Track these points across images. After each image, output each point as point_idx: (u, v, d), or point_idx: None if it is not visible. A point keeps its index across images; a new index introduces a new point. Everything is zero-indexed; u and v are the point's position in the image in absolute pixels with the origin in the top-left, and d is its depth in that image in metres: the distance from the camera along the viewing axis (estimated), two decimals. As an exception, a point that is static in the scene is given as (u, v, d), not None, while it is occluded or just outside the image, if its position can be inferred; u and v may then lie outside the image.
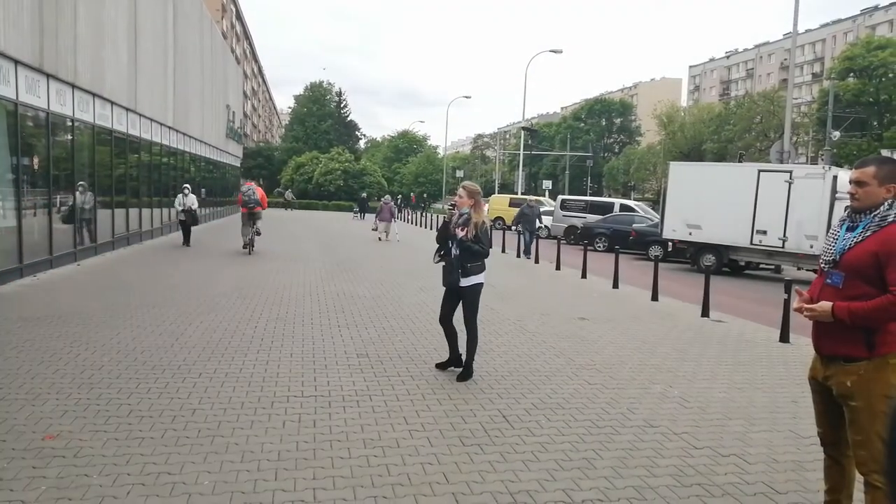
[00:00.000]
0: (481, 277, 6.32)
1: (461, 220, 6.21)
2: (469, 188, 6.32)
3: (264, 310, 9.55)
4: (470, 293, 6.29)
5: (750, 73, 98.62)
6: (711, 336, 9.32)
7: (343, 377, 6.31)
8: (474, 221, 6.14)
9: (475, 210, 6.22)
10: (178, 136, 24.35)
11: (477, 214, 6.20)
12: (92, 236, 15.35)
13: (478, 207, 6.25)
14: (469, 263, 6.16)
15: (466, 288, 6.25)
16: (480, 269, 6.27)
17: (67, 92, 13.39)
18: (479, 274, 6.28)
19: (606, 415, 5.59)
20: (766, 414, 5.86)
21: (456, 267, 6.19)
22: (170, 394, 5.58)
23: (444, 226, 6.40)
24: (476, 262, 6.19)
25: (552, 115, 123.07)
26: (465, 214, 6.21)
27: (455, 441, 4.81)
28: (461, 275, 6.18)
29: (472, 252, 6.12)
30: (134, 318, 8.53)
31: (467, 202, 6.25)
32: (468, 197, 6.26)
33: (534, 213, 21.56)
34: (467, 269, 6.17)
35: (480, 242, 6.15)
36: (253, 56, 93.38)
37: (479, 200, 6.31)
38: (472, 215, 6.18)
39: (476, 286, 6.29)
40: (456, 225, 6.22)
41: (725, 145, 63.12)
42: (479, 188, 6.48)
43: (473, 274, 6.21)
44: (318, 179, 58.43)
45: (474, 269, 6.20)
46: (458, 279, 6.20)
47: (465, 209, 6.24)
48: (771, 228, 17.61)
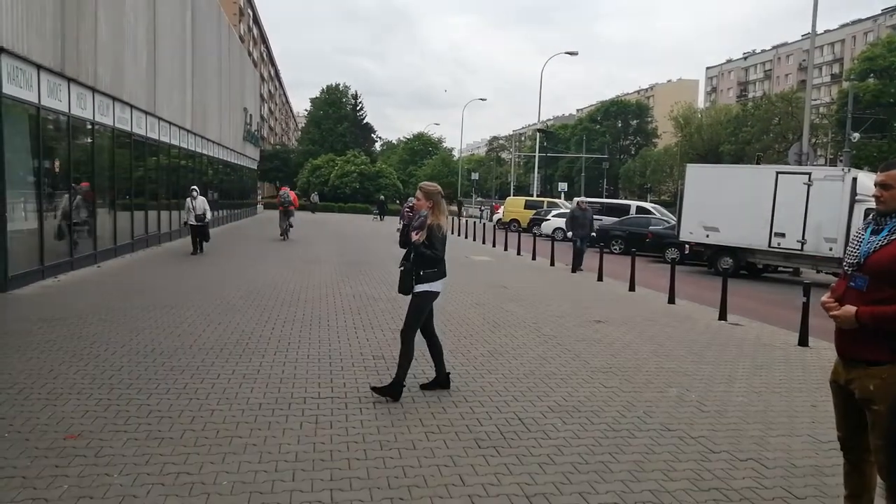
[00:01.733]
0: (437, 286, 5.79)
1: (417, 222, 5.73)
2: (426, 189, 5.83)
3: (281, 311, 9.61)
4: (416, 298, 5.75)
5: (768, 74, 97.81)
6: (729, 339, 9.25)
7: (359, 378, 6.35)
8: (428, 224, 5.67)
9: (433, 212, 5.73)
10: (197, 139, 24.57)
11: (434, 217, 5.71)
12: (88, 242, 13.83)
13: (436, 209, 5.76)
14: (423, 270, 5.69)
15: (416, 294, 5.75)
16: (437, 276, 5.76)
17: (88, 96, 13.56)
18: (435, 281, 5.76)
19: (623, 418, 5.57)
20: (784, 418, 5.82)
21: (410, 273, 5.72)
22: (188, 394, 5.63)
23: (404, 229, 5.84)
24: (431, 268, 5.71)
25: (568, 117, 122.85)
26: (422, 217, 5.74)
27: (471, 443, 4.82)
28: (415, 281, 5.71)
29: (426, 257, 5.65)
30: (152, 320, 8.62)
31: (425, 204, 5.75)
32: (425, 198, 5.76)
33: (586, 218, 18.05)
34: (421, 276, 5.69)
35: (433, 247, 5.65)
36: (270, 59, 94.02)
37: (439, 201, 5.80)
38: (428, 218, 5.71)
39: (427, 293, 5.75)
40: (413, 228, 5.73)
41: (743, 147, 62.70)
42: (438, 188, 5.94)
43: (428, 281, 5.72)
44: (335, 182, 58.68)
45: (429, 275, 5.71)
46: (412, 286, 5.73)
47: (423, 211, 5.75)
48: (789, 231, 17.45)
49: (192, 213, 16.77)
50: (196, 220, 16.81)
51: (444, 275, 5.86)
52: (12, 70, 10.37)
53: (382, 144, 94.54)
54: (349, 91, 79.35)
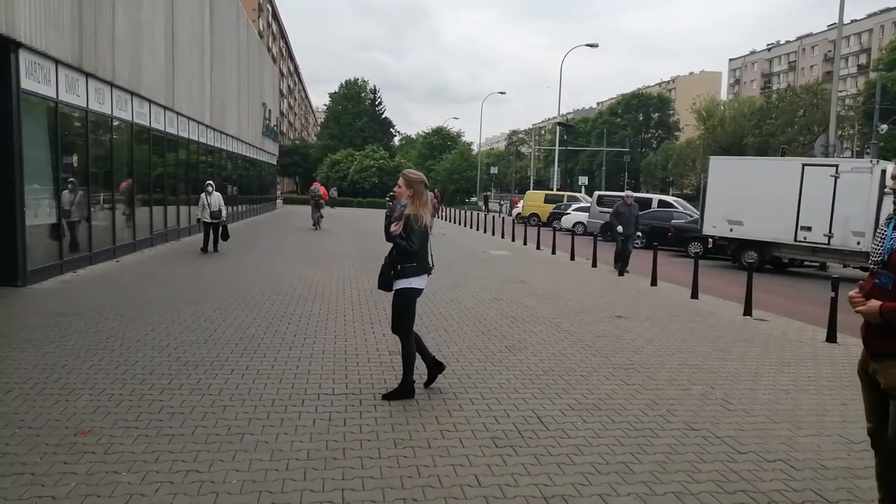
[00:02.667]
0: (418, 282, 5.46)
1: (397, 213, 5.42)
2: (408, 176, 5.46)
3: (297, 306, 9.54)
4: (397, 298, 5.49)
5: (792, 65, 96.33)
6: (754, 335, 9.02)
7: (374, 374, 6.24)
8: (406, 214, 5.33)
9: (412, 201, 5.37)
10: (215, 134, 24.63)
11: (413, 206, 5.35)
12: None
13: (416, 199, 5.38)
14: (401, 264, 5.37)
15: (397, 291, 5.46)
16: (416, 271, 5.42)
17: (106, 91, 13.59)
18: (416, 277, 5.43)
19: (645, 417, 5.41)
20: (813, 417, 5.61)
21: (389, 267, 5.45)
22: (201, 390, 5.56)
23: (386, 221, 5.54)
24: (409, 262, 5.36)
25: (588, 111, 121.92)
26: (401, 207, 5.42)
27: (487, 442, 4.68)
28: (393, 277, 5.43)
29: (402, 250, 5.33)
30: (169, 314, 8.58)
31: (405, 192, 5.39)
32: (406, 186, 5.40)
33: (632, 213, 16.05)
34: (399, 271, 5.39)
35: (409, 239, 5.29)
36: (289, 55, 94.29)
37: (420, 190, 5.40)
38: (407, 208, 5.38)
39: (408, 290, 5.45)
40: (393, 219, 5.42)
41: (767, 140, 61.76)
42: (422, 176, 5.54)
43: (407, 276, 5.40)
44: (354, 177, 58.77)
45: (408, 270, 5.38)
46: (391, 281, 5.46)
47: (403, 201, 5.42)
48: (816, 224, 17.07)
49: (207, 210, 15.89)
50: (211, 217, 15.95)
51: (426, 271, 5.54)
52: (30, 65, 10.38)
53: (401, 139, 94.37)
54: (368, 86, 79.38)
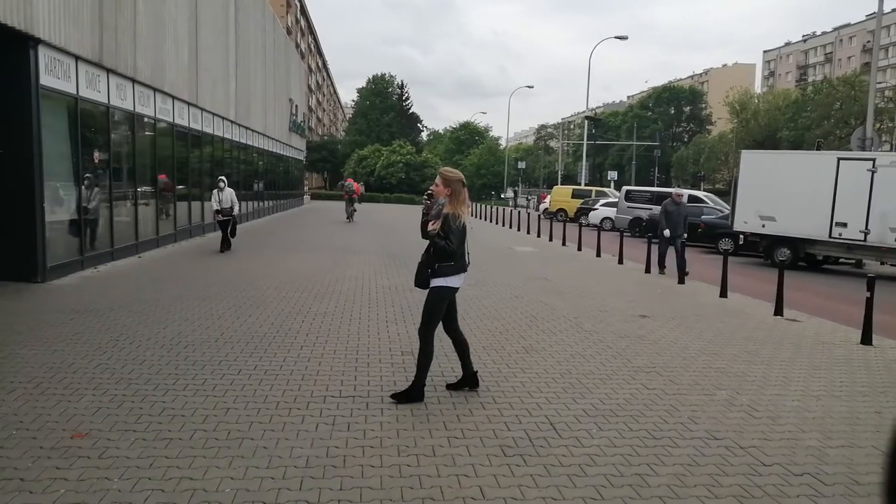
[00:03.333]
0: (453, 281, 5.37)
1: (434, 211, 5.37)
2: (445, 175, 5.40)
3: (314, 304, 9.41)
4: (431, 294, 5.38)
5: (829, 57, 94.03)
6: (785, 337, 8.66)
7: (385, 376, 6.06)
8: (444, 213, 5.26)
9: (450, 200, 5.31)
10: (241, 130, 24.70)
11: (451, 205, 5.28)
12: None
13: (454, 197, 5.31)
14: (438, 263, 5.29)
15: (432, 289, 5.37)
16: (454, 270, 5.33)
17: (128, 87, 13.60)
18: (452, 276, 5.34)
19: (664, 424, 5.14)
20: (845, 426, 5.29)
21: (426, 265, 5.37)
22: (206, 391, 5.43)
23: (422, 219, 5.51)
24: (446, 261, 5.27)
25: (618, 105, 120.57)
26: (439, 206, 5.37)
27: (496, 450, 4.47)
28: (430, 275, 5.34)
29: (440, 249, 5.23)
30: (184, 311, 8.51)
31: (443, 191, 5.34)
32: (444, 185, 5.34)
33: (681, 213, 14.55)
34: (436, 270, 5.30)
35: (447, 238, 5.21)
36: (318, 51, 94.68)
37: (458, 189, 5.33)
38: (445, 206, 5.31)
39: (442, 290, 5.35)
40: (430, 217, 5.38)
41: (802, 133, 60.37)
42: (460, 175, 5.49)
43: (444, 275, 5.31)
44: (380, 172, 58.79)
45: (445, 269, 5.29)
46: (427, 280, 5.37)
47: (441, 199, 5.37)
48: (852, 220, 16.49)
49: (219, 206, 15.16)
50: (222, 213, 15.19)
51: (463, 269, 5.44)
52: (50, 61, 10.39)
53: (429, 134, 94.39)
54: (395, 81, 79.38)
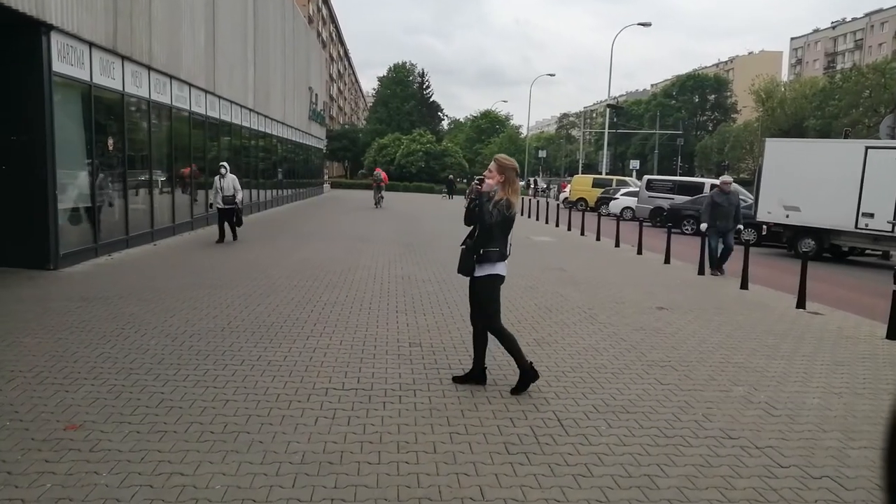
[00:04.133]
0: (500, 268, 5.30)
1: (486, 197, 5.29)
2: (501, 161, 5.30)
3: (324, 293, 9.30)
4: (482, 287, 5.33)
5: (858, 44, 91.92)
6: (807, 330, 8.39)
7: (390, 368, 5.91)
8: (495, 199, 5.19)
9: (503, 188, 5.23)
10: (259, 118, 24.65)
11: (503, 192, 5.21)
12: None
13: (507, 185, 5.24)
14: (484, 248, 5.23)
15: (479, 279, 5.32)
16: (500, 256, 5.26)
17: (143, 74, 13.56)
18: (497, 263, 5.27)
19: (677, 422, 4.94)
20: (867, 426, 5.05)
21: (471, 252, 5.29)
22: (206, 382, 5.33)
23: (470, 203, 5.41)
24: (493, 246, 5.22)
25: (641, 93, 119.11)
26: (492, 193, 5.29)
27: (499, 448, 4.31)
28: (476, 261, 5.27)
29: (490, 235, 5.18)
30: (192, 300, 8.43)
31: (497, 177, 5.25)
32: (498, 172, 5.25)
33: (731, 204, 13.01)
34: (482, 255, 5.23)
35: (491, 216, 5.17)
36: (339, 39, 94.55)
37: (512, 177, 5.26)
38: (497, 193, 5.23)
39: (491, 278, 5.29)
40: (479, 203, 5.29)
41: (830, 122, 59.14)
42: (514, 162, 5.38)
43: (491, 261, 5.24)
44: (400, 161, 58.59)
45: (491, 254, 5.23)
46: (472, 267, 5.30)
47: (494, 187, 5.29)
48: (879, 211, 16.03)
49: (220, 195, 14.32)
50: (224, 202, 14.38)
51: (506, 256, 5.36)
52: (63, 48, 10.34)
53: (450, 123, 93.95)
54: (416, 69, 79.04)
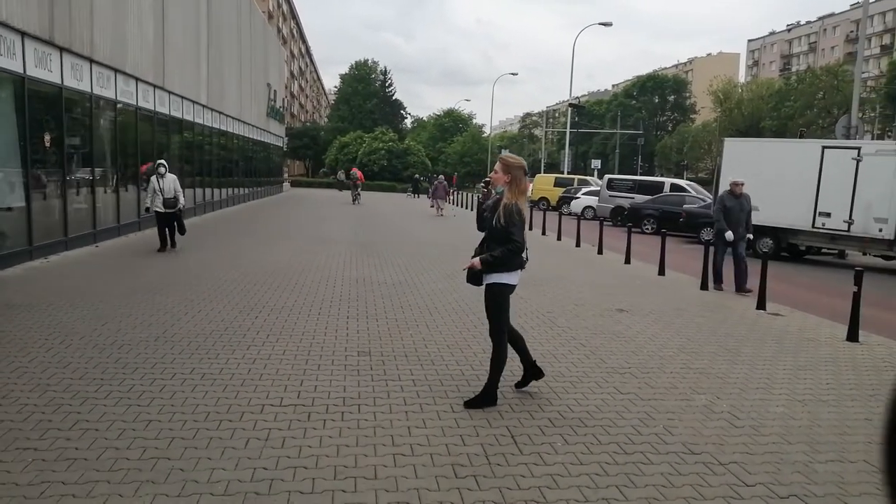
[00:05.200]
0: (510, 277, 4.97)
1: (491, 201, 5.00)
2: (506, 161, 4.95)
3: (272, 297, 8.85)
4: (490, 293, 5.00)
5: (812, 46, 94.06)
6: (768, 332, 8.23)
7: (335, 381, 5.52)
8: (504, 203, 4.83)
9: (510, 189, 4.87)
10: (214, 114, 23.91)
11: (511, 194, 4.85)
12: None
13: (514, 185, 4.88)
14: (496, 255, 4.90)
15: (488, 286, 5.00)
16: (512, 265, 4.94)
17: (84, 67, 12.88)
18: (510, 272, 4.95)
19: (637, 436, 4.66)
20: (834, 437, 4.84)
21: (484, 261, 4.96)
22: (129, 400, 4.87)
23: (479, 208, 5.19)
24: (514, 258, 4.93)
25: (603, 93, 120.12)
26: (497, 195, 4.99)
27: (446, 471, 3.96)
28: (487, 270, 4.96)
29: (500, 242, 4.86)
30: (129, 307, 7.91)
31: (503, 178, 4.90)
32: (503, 172, 4.89)
33: (742, 209, 11.34)
34: (493, 265, 4.92)
35: (510, 232, 4.80)
36: (300, 36, 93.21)
37: (518, 176, 4.90)
38: (504, 196, 4.88)
39: (500, 286, 4.96)
40: (486, 208, 5.02)
41: (785, 122, 60.30)
42: (522, 161, 5.03)
43: (500, 270, 4.92)
44: (362, 159, 57.92)
45: (506, 264, 4.93)
46: (481, 276, 5.00)
47: (500, 187, 4.95)
48: (835, 210, 16.15)
49: (160, 197, 12.38)
50: (165, 205, 12.44)
51: (521, 265, 5.06)
52: (-10, 37, 9.69)
53: (413, 121, 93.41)
54: (378, 67, 78.36)
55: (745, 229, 11.35)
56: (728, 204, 11.38)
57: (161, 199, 12.41)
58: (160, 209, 12.49)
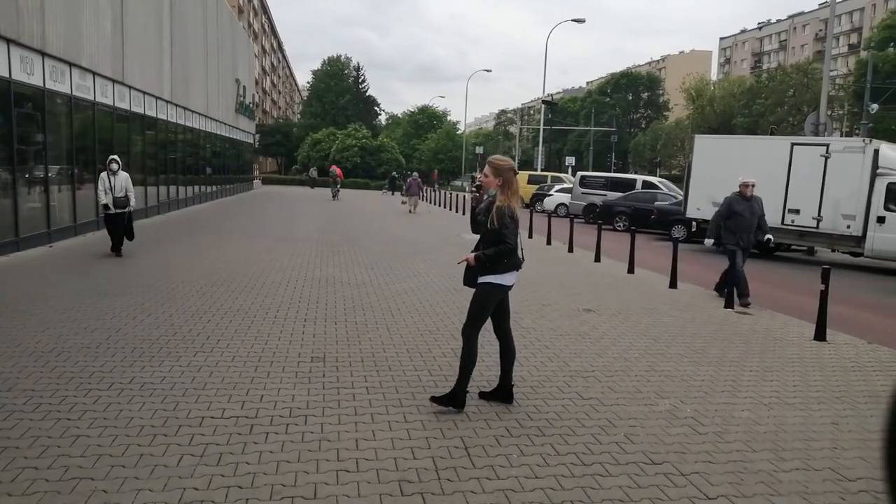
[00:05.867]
0: (507, 278, 4.90)
1: (484, 205, 4.91)
2: (496, 163, 4.87)
3: (228, 300, 8.52)
4: (479, 292, 4.91)
5: (783, 44, 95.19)
6: (735, 332, 8.11)
7: (283, 390, 5.25)
8: (497, 206, 4.76)
9: (502, 191, 4.81)
10: (178, 110, 23.37)
11: (503, 197, 4.79)
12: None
13: (506, 187, 4.82)
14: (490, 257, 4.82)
15: (479, 284, 4.90)
16: (508, 266, 4.86)
17: (36, 60, 12.40)
18: (506, 273, 4.87)
19: (597, 445, 4.46)
20: (799, 443, 4.68)
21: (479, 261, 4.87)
22: (59, 413, 4.55)
23: (472, 212, 5.08)
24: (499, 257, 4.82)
25: (577, 91, 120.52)
26: (489, 198, 4.90)
27: (392, 488, 3.71)
28: (480, 271, 4.87)
29: (495, 244, 4.77)
30: (75, 310, 7.54)
31: (493, 182, 4.83)
32: (494, 175, 4.82)
33: (753, 212, 10.19)
34: (487, 266, 4.83)
35: (502, 233, 4.73)
36: (272, 31, 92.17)
37: (509, 178, 4.84)
38: (497, 198, 4.81)
39: (492, 287, 4.87)
40: (480, 211, 4.93)
41: (756, 120, 60.85)
42: (511, 162, 4.96)
43: (496, 272, 4.84)
44: (335, 156, 57.36)
45: (497, 265, 4.83)
46: (476, 277, 4.89)
47: (492, 190, 4.88)
48: (804, 207, 16.21)
49: (110, 195, 11.42)
50: (116, 204, 11.48)
51: (517, 266, 4.99)
52: (-72, 27, 9.22)
53: (388, 118, 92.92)
54: (351, 63, 77.71)
55: (754, 235, 10.18)
56: (736, 208, 10.06)
57: (111, 197, 11.43)
58: (111, 209, 11.54)
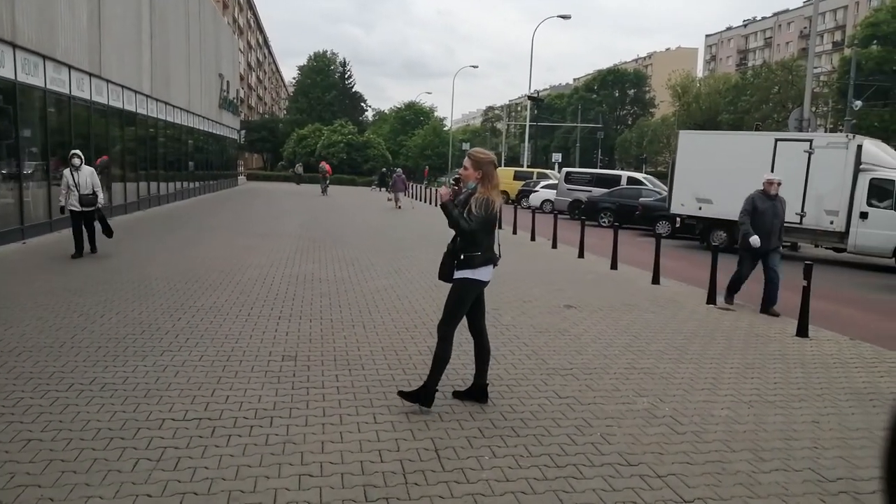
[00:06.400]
0: (483, 273, 4.77)
1: (463, 197, 4.80)
2: (475, 156, 4.78)
3: (201, 297, 8.32)
4: (455, 287, 4.78)
5: (768, 42, 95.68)
6: (717, 328, 8.02)
7: (251, 390, 5.08)
8: (475, 197, 4.66)
9: (482, 184, 4.71)
10: (159, 105, 23.04)
11: (483, 189, 4.69)
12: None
13: (486, 181, 4.72)
14: (466, 252, 4.70)
15: (455, 280, 4.78)
16: (482, 260, 4.73)
17: (6, 52, 12.10)
18: (482, 267, 4.75)
19: (572, 446, 4.33)
20: (779, 442, 4.57)
21: (451, 255, 4.79)
22: (13, 415, 4.36)
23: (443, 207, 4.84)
24: (475, 251, 4.69)
25: (564, 87, 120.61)
26: (468, 190, 4.79)
27: (356, 493, 3.56)
28: (455, 266, 4.76)
29: (461, 230, 4.65)
30: (42, 308, 7.33)
31: (473, 175, 4.74)
32: (473, 168, 4.74)
33: (777, 212, 9.64)
34: (462, 261, 4.72)
35: (474, 225, 4.62)
36: (258, 26, 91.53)
37: (489, 172, 4.74)
38: (476, 191, 4.70)
39: (468, 282, 4.74)
40: (459, 203, 4.78)
41: (742, 116, 61.09)
42: (491, 156, 4.88)
43: (472, 266, 4.72)
44: (321, 152, 57.02)
45: (474, 259, 4.70)
46: (451, 271, 4.79)
47: (470, 184, 4.78)
48: (788, 202, 16.14)
49: (75, 193, 10.71)
50: (82, 202, 10.77)
51: (492, 262, 4.86)
52: None
53: (374, 114, 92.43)
54: (337, 59, 77.30)
55: (778, 237, 9.53)
56: (760, 206, 9.50)
57: (77, 195, 10.71)
58: (76, 207, 10.75)
